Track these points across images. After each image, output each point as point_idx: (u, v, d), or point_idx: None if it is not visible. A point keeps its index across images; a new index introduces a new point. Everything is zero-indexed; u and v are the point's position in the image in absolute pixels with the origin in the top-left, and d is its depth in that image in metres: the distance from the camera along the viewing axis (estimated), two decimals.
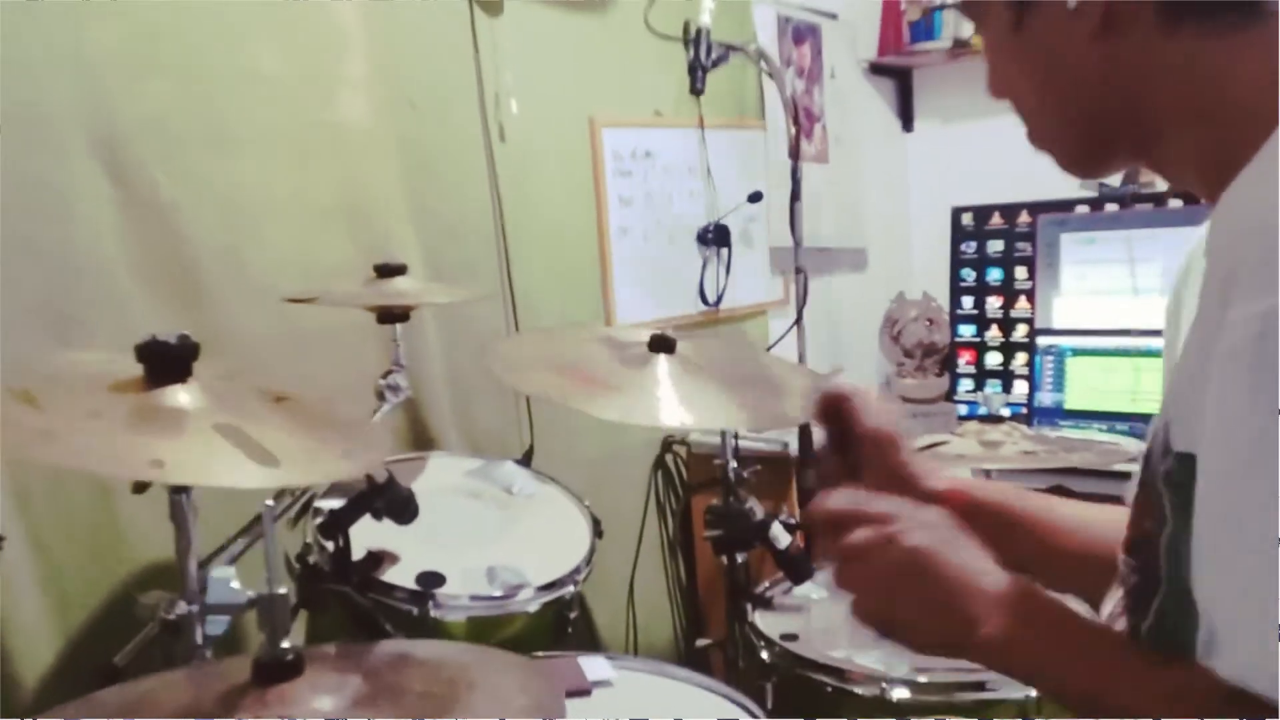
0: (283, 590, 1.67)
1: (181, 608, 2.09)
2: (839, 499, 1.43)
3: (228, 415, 1.91)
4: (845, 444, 1.68)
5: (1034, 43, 1.33)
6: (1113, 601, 1.42)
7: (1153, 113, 1.28)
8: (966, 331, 5.56)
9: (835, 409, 1.67)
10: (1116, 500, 1.37)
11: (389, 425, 3.14)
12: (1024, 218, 5.36)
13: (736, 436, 3.18)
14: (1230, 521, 1.08)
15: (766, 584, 3.17)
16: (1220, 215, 1.20)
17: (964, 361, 5.56)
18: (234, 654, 2.12)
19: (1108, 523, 1.51)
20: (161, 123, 2.98)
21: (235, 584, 2.07)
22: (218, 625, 2.11)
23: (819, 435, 1.74)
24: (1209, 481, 1.11)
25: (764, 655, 2.85)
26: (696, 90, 3.73)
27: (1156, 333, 1.30)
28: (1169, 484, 1.21)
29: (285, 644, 1.63)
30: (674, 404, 2.61)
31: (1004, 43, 1.38)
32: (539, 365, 2.72)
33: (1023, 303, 5.38)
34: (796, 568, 2.99)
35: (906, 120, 6.08)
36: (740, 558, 3.10)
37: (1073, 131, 1.37)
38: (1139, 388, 4.65)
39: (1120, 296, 4.84)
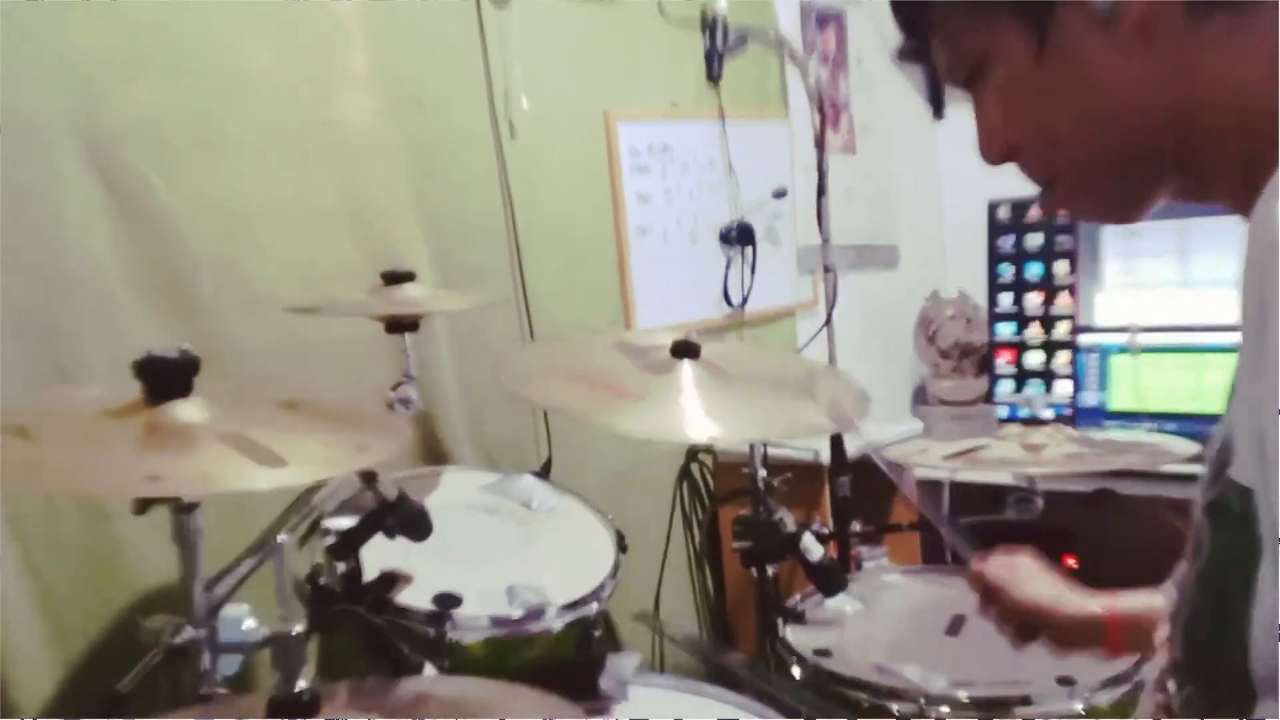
0: (298, 629, 1.68)
1: (188, 633, 2.10)
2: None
3: (233, 425, 1.93)
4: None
5: (1061, 68, 1.27)
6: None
7: (1195, 120, 1.23)
8: (1005, 330, 5.55)
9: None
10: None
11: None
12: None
13: (765, 445, 3.18)
14: None
15: (798, 597, 3.18)
16: (1256, 226, 1.13)
17: (1003, 362, 5.55)
18: (246, 688, 2.14)
19: None
20: (154, 126, 2.99)
21: (249, 623, 2.08)
22: (230, 665, 2.12)
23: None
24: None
25: (796, 671, 2.86)
26: (713, 77, 3.75)
27: (1206, 328, 1.29)
28: (1212, 512, 1.21)
29: (301, 683, 1.65)
30: (700, 416, 2.60)
31: (1024, 78, 1.31)
32: (554, 376, 2.73)
33: (1064, 299, 5.37)
34: (829, 580, 2.99)
35: (938, 107, 6.04)
36: (770, 570, 3.11)
37: (1115, 165, 1.30)
38: (1189, 386, 4.64)
39: (1167, 290, 4.85)
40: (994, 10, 1.30)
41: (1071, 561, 4.19)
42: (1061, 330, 5.38)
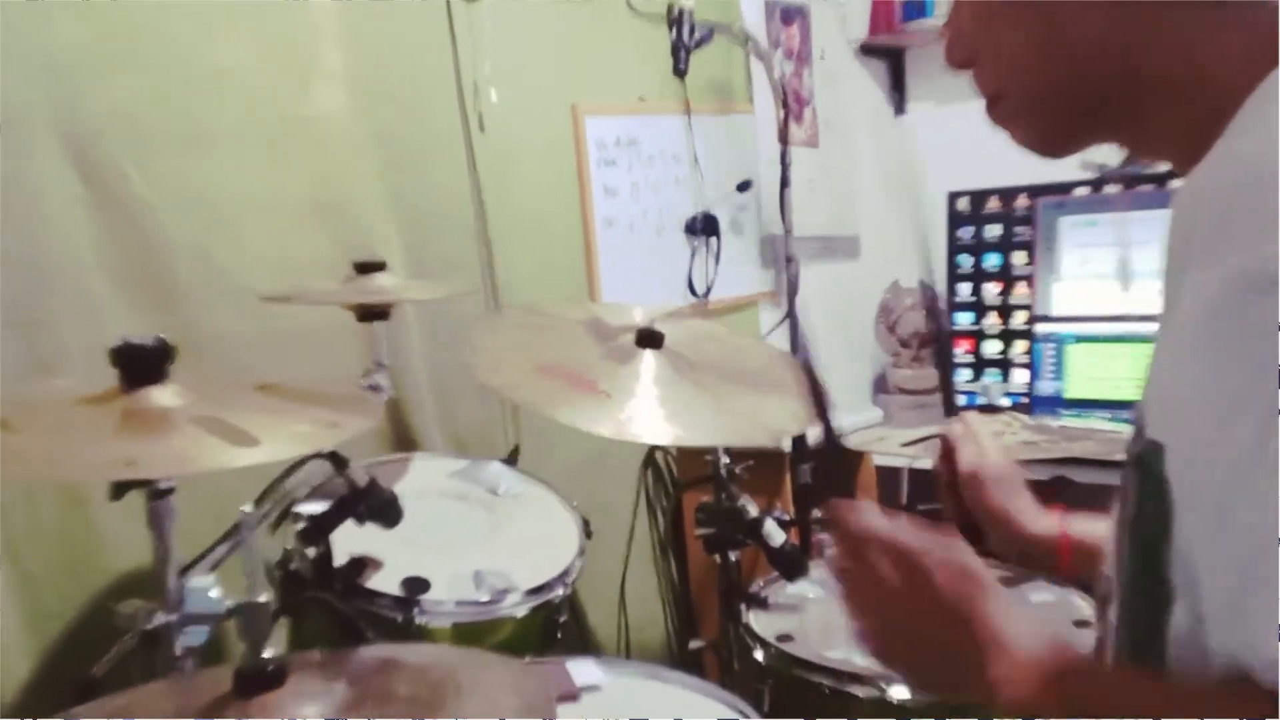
0: (263, 598, 1.69)
1: (160, 618, 2.10)
2: (871, 517, 1.53)
3: (207, 409, 1.93)
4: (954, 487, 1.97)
5: (1034, 2, 1.30)
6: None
7: (1142, 84, 1.27)
8: (964, 320, 5.56)
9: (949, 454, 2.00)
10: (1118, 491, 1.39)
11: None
12: (1022, 201, 5.37)
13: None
14: (1222, 493, 1.07)
15: (760, 583, 3.18)
16: (1181, 190, 1.20)
17: (962, 350, 5.57)
18: (214, 664, 2.14)
19: None
20: (132, 119, 2.99)
21: (214, 593, 2.09)
22: (197, 635, 2.12)
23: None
24: (1192, 456, 1.11)
25: (759, 656, 2.87)
26: (679, 71, 3.75)
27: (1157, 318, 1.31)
28: (1137, 467, 1.24)
29: (267, 653, 1.65)
30: (660, 419, 2.62)
31: (998, 3, 1.34)
32: (521, 367, 2.73)
33: (1022, 289, 5.39)
34: (791, 565, 3.00)
35: (899, 102, 6.09)
36: (733, 556, 3.11)
37: (1059, 101, 1.34)
38: (1142, 375, 4.65)
39: (1122, 281, 4.86)
40: None
41: None
42: (1019, 319, 5.40)
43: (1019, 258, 5.38)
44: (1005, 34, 1.35)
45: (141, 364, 1.96)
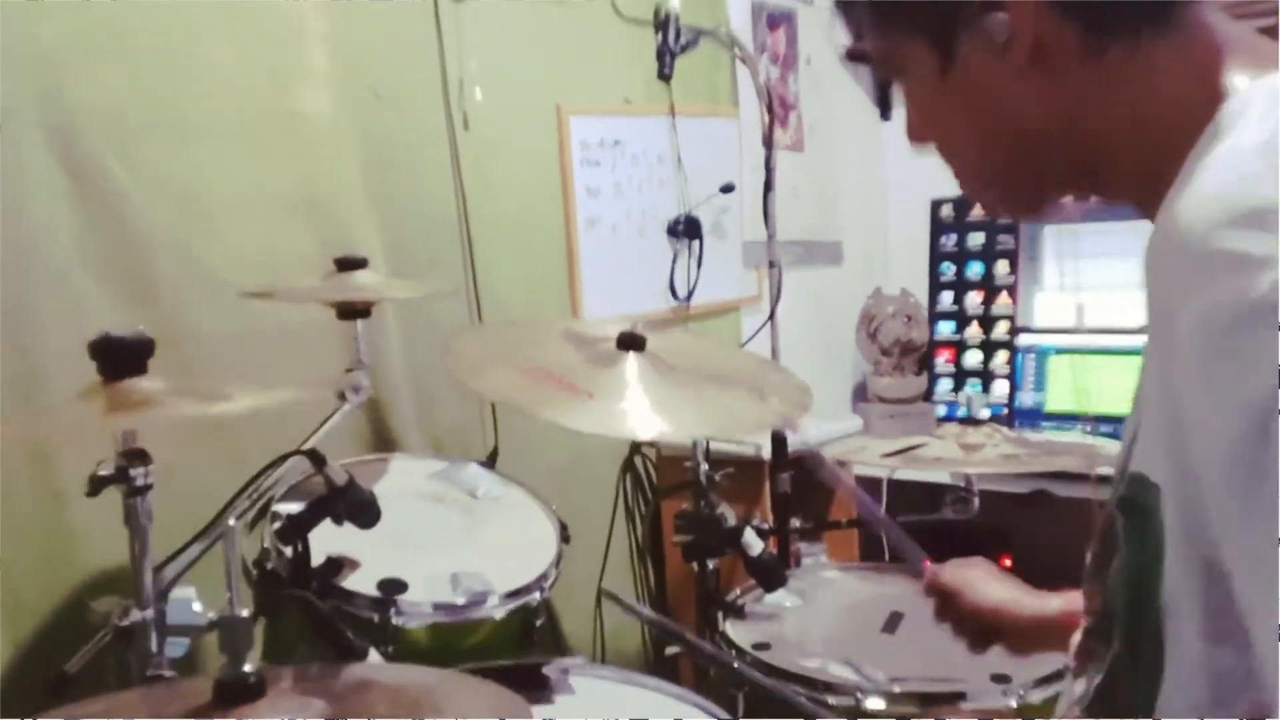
0: (245, 613, 1.69)
1: (135, 614, 2.11)
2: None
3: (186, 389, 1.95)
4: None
5: (964, 85, 1.32)
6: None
7: (1089, 137, 1.29)
8: (945, 329, 5.58)
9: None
10: (1099, 505, 1.40)
11: (349, 426, 3.16)
12: None
13: (708, 439, 3.19)
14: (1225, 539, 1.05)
15: (738, 591, 3.19)
16: (1154, 232, 1.19)
17: (943, 360, 5.58)
18: (193, 673, 2.15)
19: None
20: (116, 114, 2.99)
21: (196, 606, 2.09)
22: (178, 647, 2.12)
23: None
24: (1191, 498, 1.08)
25: (735, 664, 2.87)
26: (664, 75, 3.75)
27: (1144, 331, 1.32)
28: (1123, 507, 1.24)
29: (247, 666, 1.65)
30: (646, 412, 2.63)
31: (930, 93, 1.38)
32: (503, 368, 2.74)
33: (1004, 299, 5.40)
34: (768, 575, 3.00)
35: (884, 108, 6.08)
36: (711, 564, 3.12)
37: (1013, 170, 1.37)
38: (1126, 388, 4.65)
39: (1106, 292, 4.87)
40: (906, 29, 1.36)
41: (1007, 561, 4.23)
42: (1001, 330, 5.41)
43: (1001, 267, 5.40)
44: (947, 125, 1.40)
45: (121, 356, 1.97)
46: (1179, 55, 1.23)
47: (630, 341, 2.74)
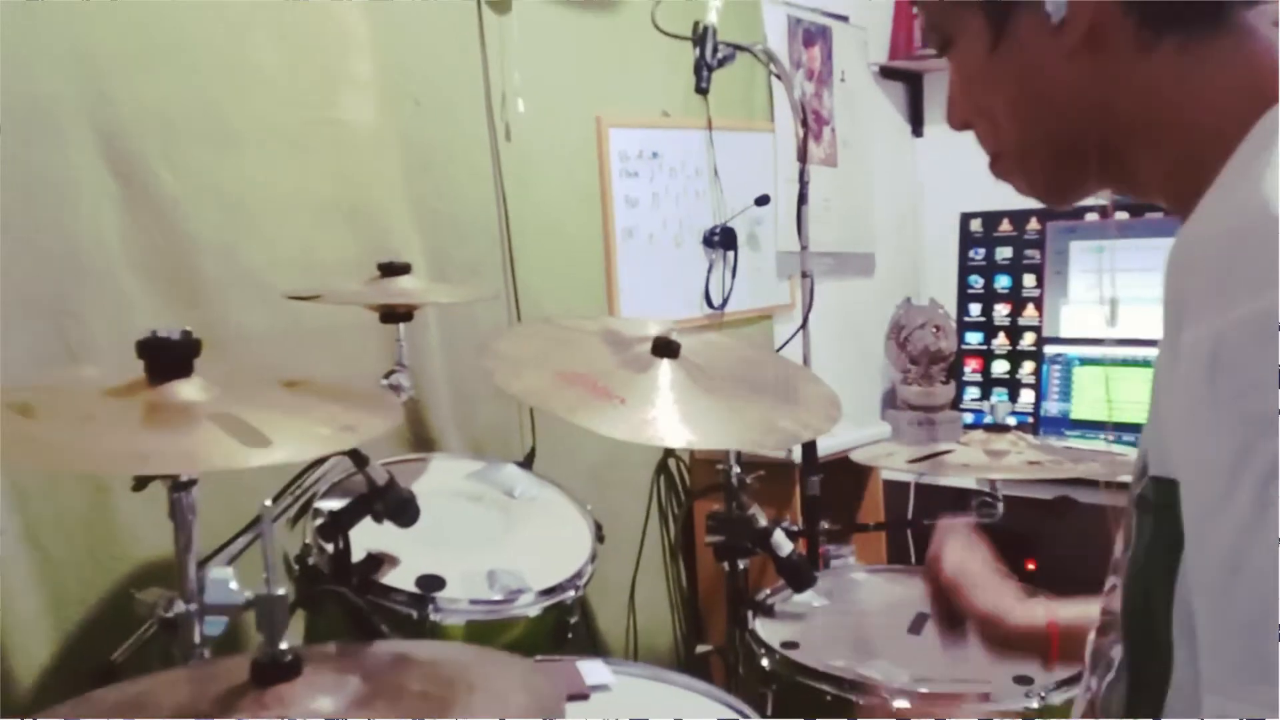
0: (281, 591, 1.68)
1: (180, 606, 2.10)
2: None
3: (229, 404, 1.93)
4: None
5: (1011, 61, 1.31)
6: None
7: (1120, 132, 1.28)
8: (974, 339, 5.57)
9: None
10: (1122, 512, 1.38)
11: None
12: (1033, 224, 5.38)
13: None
14: (1226, 556, 1.03)
15: (768, 591, 3.18)
16: (1178, 238, 1.19)
17: (970, 369, 5.57)
18: (232, 654, 2.14)
19: None
20: (163, 117, 2.99)
21: (233, 584, 2.08)
22: (215, 625, 2.11)
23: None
24: (1189, 519, 1.08)
25: (764, 663, 2.86)
26: (701, 89, 3.73)
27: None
28: (1140, 507, 1.23)
29: (283, 645, 1.64)
30: (675, 422, 2.61)
31: (978, 64, 1.36)
32: (536, 368, 2.73)
33: (1030, 311, 5.39)
34: (798, 575, 2.99)
35: (916, 124, 6.09)
36: (742, 564, 3.11)
37: (1044, 153, 1.36)
38: (1147, 399, 4.64)
39: (1129, 306, 4.85)
40: (961, 3, 1.35)
41: (1031, 565, 4.21)
42: (1027, 341, 5.40)
43: (1029, 280, 5.39)
44: (988, 99, 1.37)
45: (167, 357, 1.96)
46: (1228, 59, 1.21)
47: (665, 348, 2.73)
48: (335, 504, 2.59)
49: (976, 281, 5.59)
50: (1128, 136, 1.28)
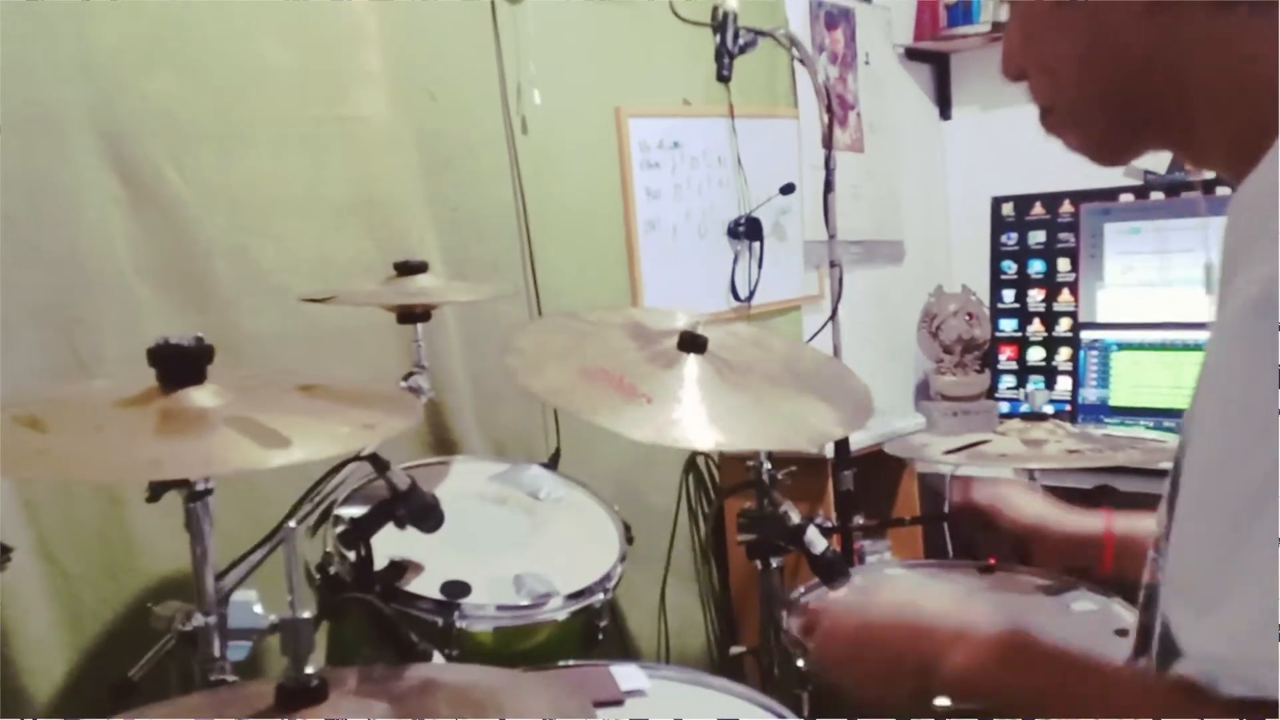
0: (306, 615, 1.66)
1: (198, 619, 2.09)
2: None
3: (243, 409, 1.92)
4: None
5: (1079, 17, 1.30)
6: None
7: (1191, 95, 1.27)
8: (1008, 326, 5.56)
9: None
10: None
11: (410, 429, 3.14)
12: (1066, 207, 5.36)
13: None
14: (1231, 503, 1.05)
15: (802, 589, 3.17)
16: (1234, 200, 1.19)
17: (1005, 357, 5.56)
18: (255, 675, 2.13)
19: None
20: (170, 119, 2.99)
21: (258, 608, 2.07)
22: (239, 650, 2.11)
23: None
24: (1200, 461, 1.10)
25: (800, 663, 2.85)
26: (723, 77, 3.72)
27: (1204, 325, 1.30)
28: (1175, 484, 1.21)
29: (309, 669, 1.63)
30: (702, 422, 2.59)
31: (1041, 16, 1.35)
32: (559, 365, 2.71)
33: (1066, 296, 5.37)
34: (832, 572, 2.97)
35: (944, 107, 6.06)
36: (775, 563, 3.09)
37: (1107, 112, 1.35)
38: (1189, 383, 4.61)
39: (1167, 288, 4.83)
40: None
41: None
42: (1063, 326, 5.38)
43: (1063, 264, 5.37)
44: (1052, 48, 1.36)
45: (179, 364, 1.95)
46: None
47: (691, 343, 2.71)
48: (356, 510, 2.58)
49: (1009, 267, 5.57)
50: (1194, 100, 1.27)
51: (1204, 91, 1.25)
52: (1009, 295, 5.56)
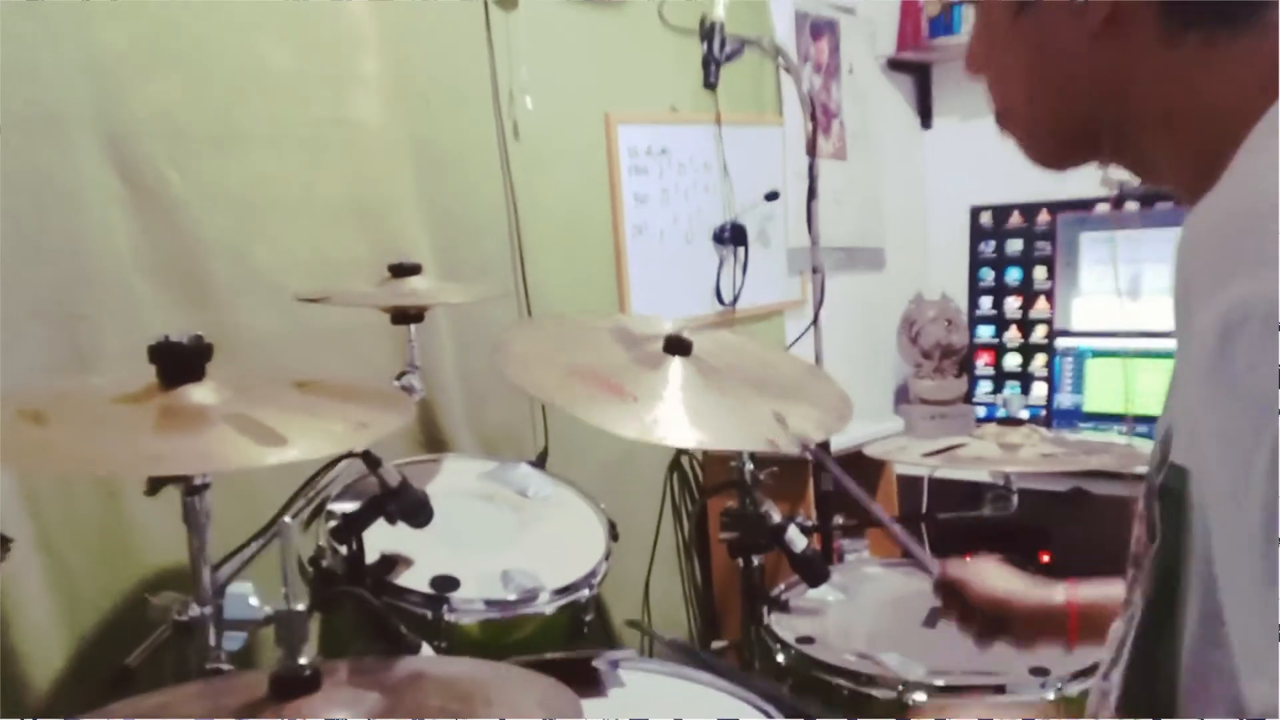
0: (300, 607, 1.68)
1: (194, 610, 2.11)
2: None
3: (241, 406, 1.93)
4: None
5: (1034, 31, 1.31)
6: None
7: (1133, 117, 1.28)
8: (985, 333, 5.57)
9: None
10: (1135, 503, 1.38)
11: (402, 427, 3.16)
12: (1043, 216, 5.38)
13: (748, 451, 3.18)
14: (1237, 549, 1.02)
15: (782, 587, 3.19)
16: (1188, 221, 1.16)
17: (983, 363, 5.57)
18: (250, 665, 2.15)
19: None
20: (171, 120, 2.99)
21: (253, 600, 2.09)
22: (234, 641, 2.12)
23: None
24: (1215, 503, 1.06)
25: (780, 658, 2.87)
26: (709, 84, 3.74)
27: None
28: (1162, 496, 1.20)
29: (303, 659, 1.65)
30: (684, 423, 2.60)
31: (998, 30, 1.37)
32: (548, 364, 2.73)
33: (1042, 303, 5.39)
34: (812, 570, 2.99)
35: (925, 117, 6.08)
36: (756, 560, 3.11)
37: (1052, 124, 1.37)
38: (1162, 390, 4.63)
39: (1141, 297, 4.85)
40: None
41: (1046, 557, 4.21)
42: (1039, 334, 5.40)
43: (1040, 272, 5.39)
44: (1005, 63, 1.39)
45: (179, 361, 1.96)
46: (1251, 56, 1.19)
47: (676, 346, 2.73)
48: (348, 506, 2.60)
49: (987, 275, 5.59)
50: (1143, 124, 1.28)
51: (1154, 113, 1.26)
52: (986, 302, 5.57)
